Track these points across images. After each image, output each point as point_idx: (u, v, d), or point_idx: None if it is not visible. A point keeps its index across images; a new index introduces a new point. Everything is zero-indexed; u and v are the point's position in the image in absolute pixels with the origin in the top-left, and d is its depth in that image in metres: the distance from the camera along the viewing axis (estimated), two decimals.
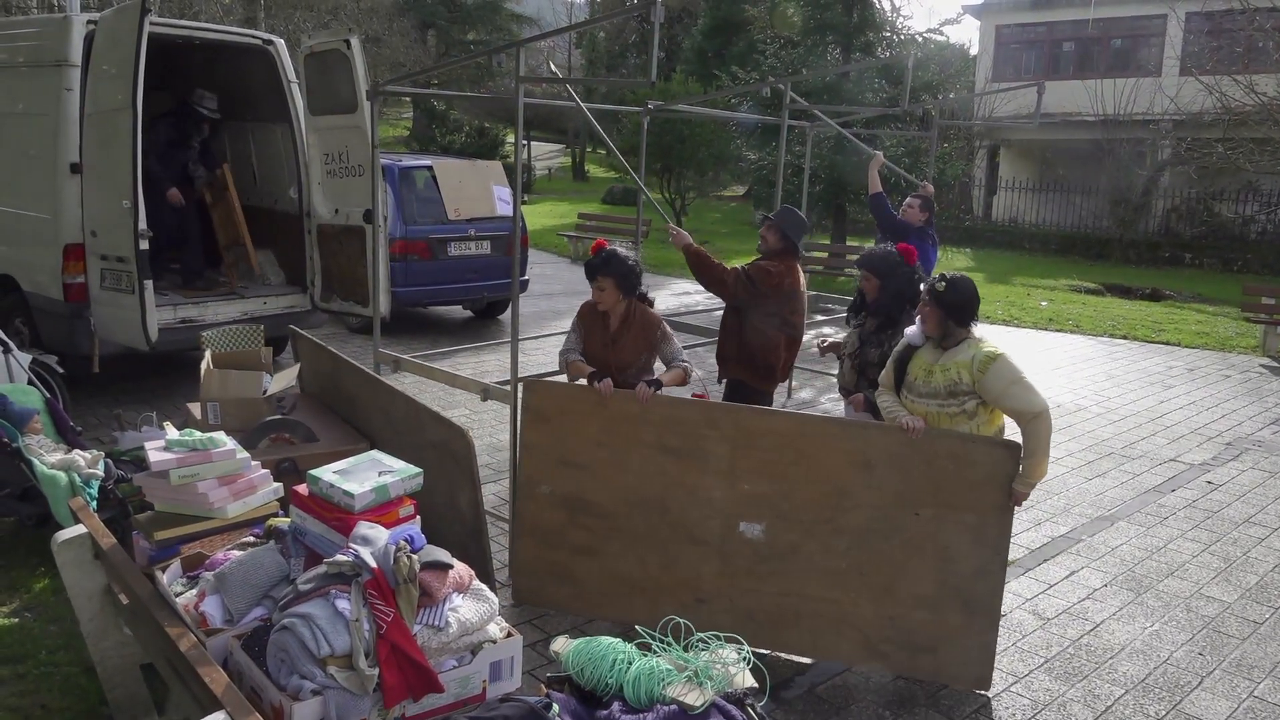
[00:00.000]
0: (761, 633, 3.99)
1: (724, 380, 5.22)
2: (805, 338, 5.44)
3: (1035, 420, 3.61)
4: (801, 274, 5.08)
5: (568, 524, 4.22)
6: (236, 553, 2.85)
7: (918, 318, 3.91)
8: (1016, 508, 3.76)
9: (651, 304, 4.60)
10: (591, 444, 4.15)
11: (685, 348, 4.59)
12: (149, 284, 6.22)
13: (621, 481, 4.12)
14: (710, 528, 4.03)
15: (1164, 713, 3.77)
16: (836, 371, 4.90)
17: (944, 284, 3.78)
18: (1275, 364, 10.69)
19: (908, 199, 6.91)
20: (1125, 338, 11.95)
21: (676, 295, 13.84)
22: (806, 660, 4.05)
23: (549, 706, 2.39)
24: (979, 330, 3.88)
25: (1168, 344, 11.69)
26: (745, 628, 3.95)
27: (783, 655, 4.04)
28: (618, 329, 4.43)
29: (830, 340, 4.92)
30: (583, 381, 4.30)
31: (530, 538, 4.29)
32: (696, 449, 4.01)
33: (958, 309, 3.78)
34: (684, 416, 4.05)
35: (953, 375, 3.77)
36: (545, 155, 40.48)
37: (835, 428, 4.00)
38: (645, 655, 2.66)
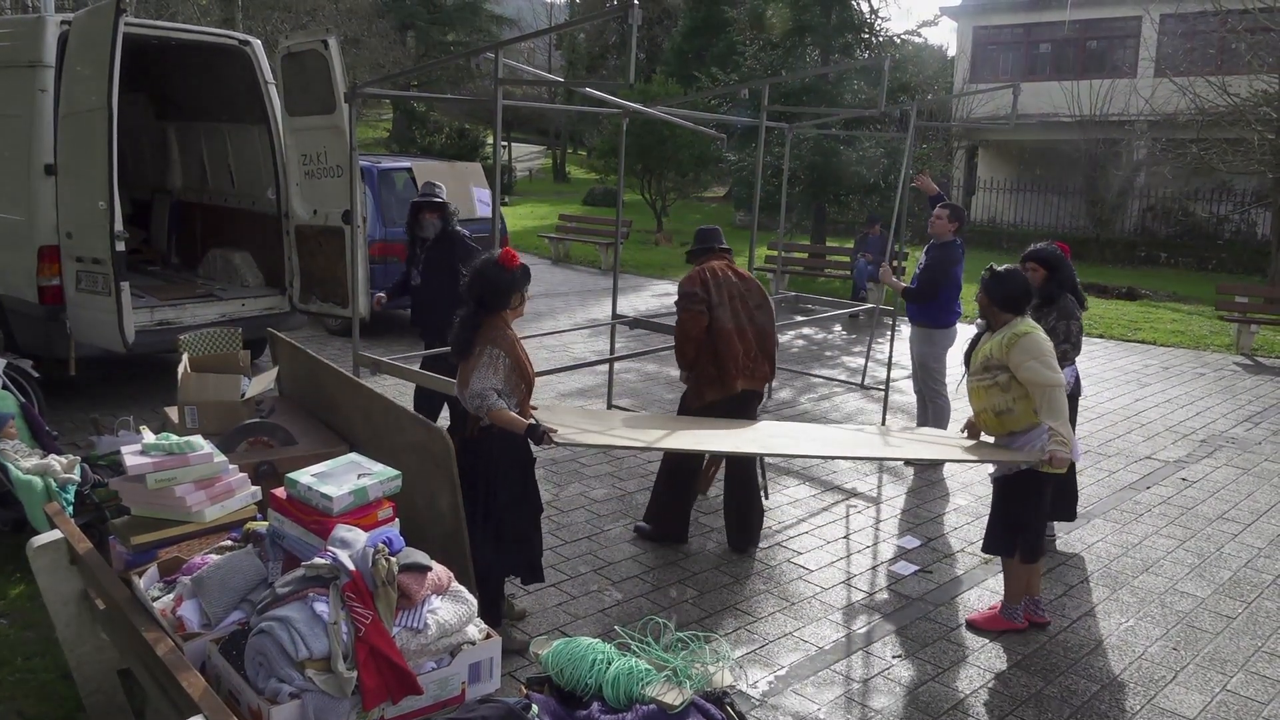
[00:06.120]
0: None
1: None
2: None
3: (1049, 391, 3.99)
4: (721, 266, 5.16)
5: None
6: (214, 557, 2.84)
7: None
8: (1056, 468, 4.07)
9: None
10: None
11: (661, 350, 4.47)
12: (125, 286, 6.18)
13: None
14: None
15: (1139, 707, 3.82)
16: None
17: (990, 275, 4.26)
18: (1249, 362, 10.83)
19: (935, 209, 6.48)
20: (1101, 336, 12.07)
21: (657, 296, 13.86)
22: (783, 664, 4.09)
23: (528, 707, 2.40)
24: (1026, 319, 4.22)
25: (1143, 343, 11.82)
26: None
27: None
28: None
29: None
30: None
31: None
32: None
33: (1001, 298, 4.22)
34: None
35: (987, 351, 4.21)
36: (526, 156, 40.45)
37: None
38: (624, 655, 2.68)
